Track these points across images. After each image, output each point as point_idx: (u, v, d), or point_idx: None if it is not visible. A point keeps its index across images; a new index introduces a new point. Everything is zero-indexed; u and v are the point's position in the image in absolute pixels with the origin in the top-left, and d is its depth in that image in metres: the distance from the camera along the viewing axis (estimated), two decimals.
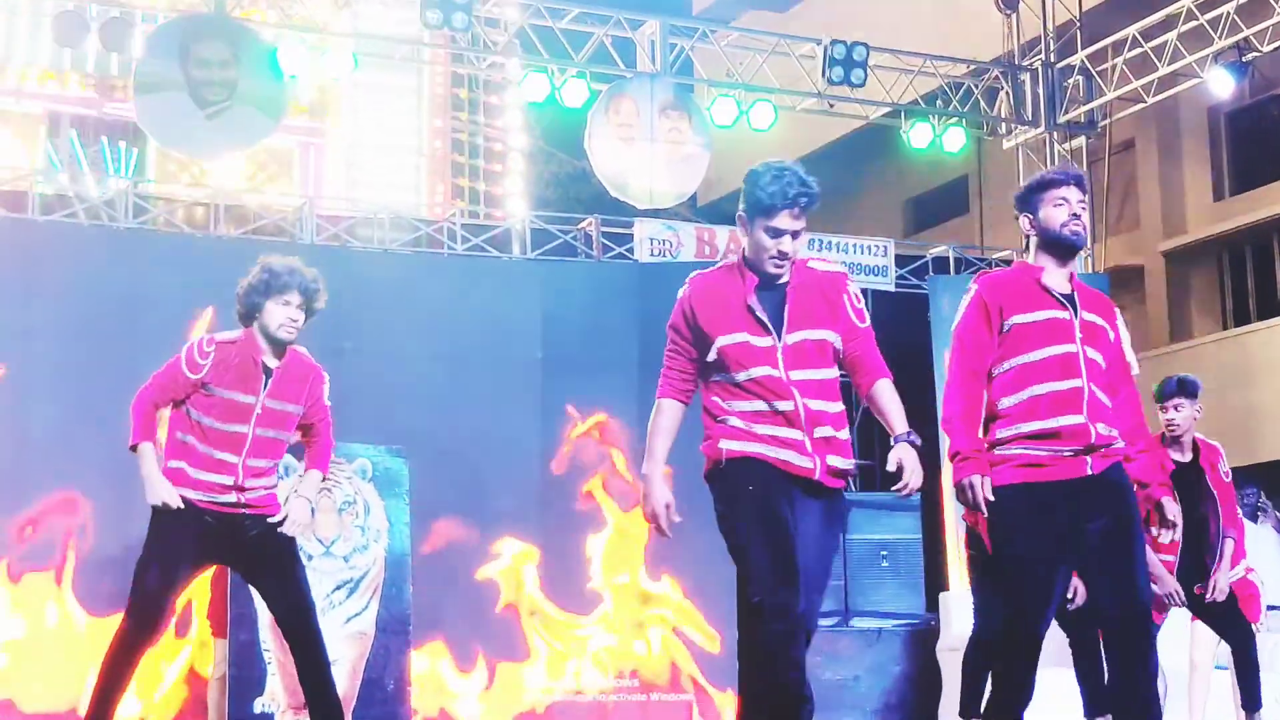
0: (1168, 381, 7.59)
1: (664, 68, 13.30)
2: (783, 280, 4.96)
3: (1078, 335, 5.14)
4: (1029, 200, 5.31)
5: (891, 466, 4.89)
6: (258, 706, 8.98)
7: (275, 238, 11.63)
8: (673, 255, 12.27)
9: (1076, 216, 5.24)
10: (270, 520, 6.05)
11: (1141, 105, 14.74)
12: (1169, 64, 13.93)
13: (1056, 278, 5.23)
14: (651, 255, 12.36)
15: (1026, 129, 14.81)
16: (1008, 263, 14.04)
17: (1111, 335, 5.26)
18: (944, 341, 12.31)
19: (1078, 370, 5.10)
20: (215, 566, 7.90)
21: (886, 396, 5.00)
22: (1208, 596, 7.69)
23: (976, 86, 14.69)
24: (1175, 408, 7.53)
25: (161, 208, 11.68)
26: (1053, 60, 14.70)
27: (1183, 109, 17.87)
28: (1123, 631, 5.09)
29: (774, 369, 4.87)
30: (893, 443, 4.92)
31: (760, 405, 4.88)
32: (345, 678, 9.00)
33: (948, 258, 13.80)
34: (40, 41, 14.50)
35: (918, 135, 14.16)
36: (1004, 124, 14.98)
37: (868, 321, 5.09)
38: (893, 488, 4.90)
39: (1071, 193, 5.24)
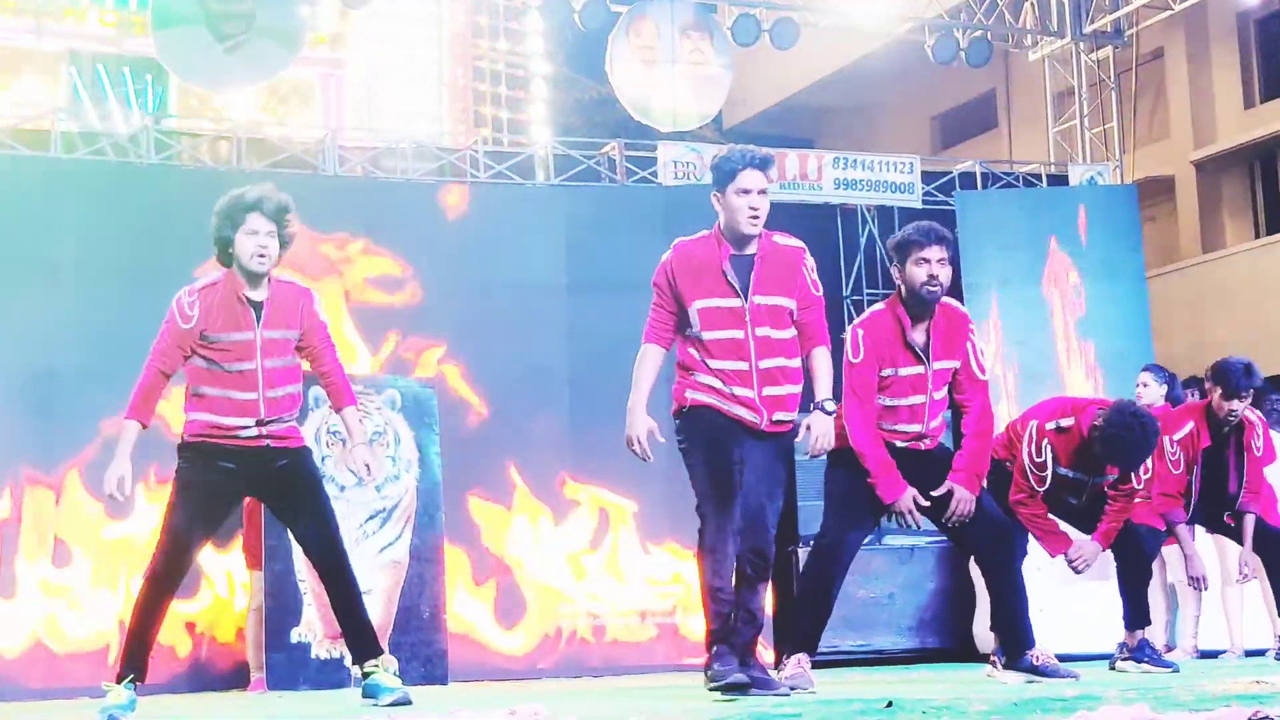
0: (1241, 380, 7.61)
1: None
2: (751, 251, 5.69)
3: (929, 386, 6.17)
4: (898, 253, 6.21)
5: (803, 431, 5.78)
6: (294, 636, 9.06)
7: (299, 170, 11.60)
8: (696, 178, 12.20)
9: (934, 277, 6.14)
10: (293, 450, 6.05)
11: (1169, 12, 14.56)
12: None
13: (917, 332, 6.18)
14: (675, 178, 12.31)
15: (1053, 40, 14.65)
16: (1037, 177, 13.98)
17: (958, 364, 6.25)
18: (971, 257, 12.33)
19: (921, 417, 6.22)
20: (247, 500, 7.95)
21: (820, 364, 5.83)
22: (1248, 577, 7.84)
23: None
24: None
25: (185, 143, 11.64)
26: None
27: (1212, 16, 17.62)
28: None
29: (740, 330, 5.66)
30: (810, 407, 5.80)
31: (724, 364, 5.67)
32: (381, 606, 9.08)
33: (975, 173, 13.68)
34: None
35: (942, 49, 14.01)
36: (1029, 35, 14.82)
37: (820, 292, 5.85)
38: (805, 452, 5.83)
39: (932, 252, 6.14)
